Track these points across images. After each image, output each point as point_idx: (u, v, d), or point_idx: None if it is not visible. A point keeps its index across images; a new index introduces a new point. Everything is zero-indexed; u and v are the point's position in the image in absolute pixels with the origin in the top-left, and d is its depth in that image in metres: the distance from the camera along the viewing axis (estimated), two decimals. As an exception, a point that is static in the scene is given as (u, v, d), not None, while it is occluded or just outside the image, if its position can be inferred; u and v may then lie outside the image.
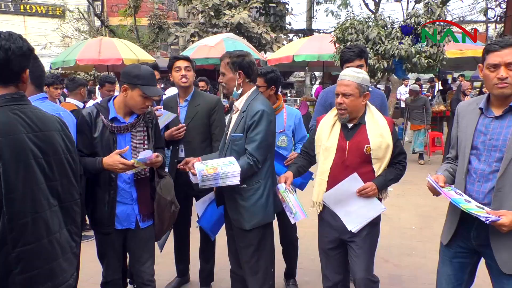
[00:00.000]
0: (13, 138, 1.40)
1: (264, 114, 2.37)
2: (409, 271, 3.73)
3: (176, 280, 3.44)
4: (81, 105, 5.06)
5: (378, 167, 2.38)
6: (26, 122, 1.47)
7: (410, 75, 10.01)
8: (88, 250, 2.47)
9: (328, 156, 2.41)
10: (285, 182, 2.40)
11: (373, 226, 2.44)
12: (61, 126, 1.64)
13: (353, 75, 2.36)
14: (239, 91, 2.49)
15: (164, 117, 3.01)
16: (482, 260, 2.10)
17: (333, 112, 2.51)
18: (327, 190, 2.42)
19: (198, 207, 2.94)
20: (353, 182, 2.34)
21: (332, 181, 2.39)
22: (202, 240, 3.24)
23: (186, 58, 3.14)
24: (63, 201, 1.58)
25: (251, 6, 13.67)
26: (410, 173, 7.54)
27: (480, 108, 2.02)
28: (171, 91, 4.67)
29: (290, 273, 3.41)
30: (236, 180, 2.29)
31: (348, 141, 2.38)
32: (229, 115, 2.65)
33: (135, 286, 2.90)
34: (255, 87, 2.54)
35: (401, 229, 4.80)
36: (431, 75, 14.29)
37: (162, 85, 7.21)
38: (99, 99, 5.48)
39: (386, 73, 7.74)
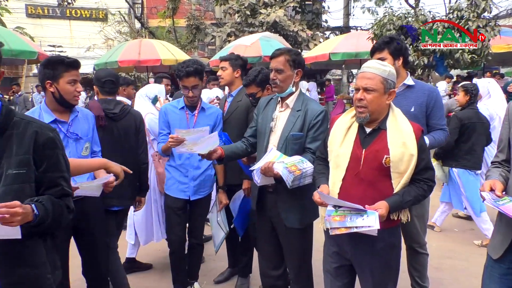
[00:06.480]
0: None
1: (326, 115, 2.42)
2: (450, 274, 3.63)
3: (228, 271, 3.61)
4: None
5: (397, 183, 1.98)
6: None
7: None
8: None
9: (340, 164, 2.06)
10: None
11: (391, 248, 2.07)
12: None
13: (377, 67, 2.00)
14: (293, 89, 2.47)
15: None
16: None
17: (351, 112, 2.14)
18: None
19: (231, 206, 3.05)
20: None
21: (344, 194, 2.01)
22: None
23: (222, 59, 3.28)
24: None
25: (287, 5, 13.62)
26: (452, 173, 7.24)
27: None
28: (213, 92, 4.82)
29: None
30: (310, 178, 2.29)
31: (364, 149, 2.02)
32: (275, 112, 2.51)
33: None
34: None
35: (442, 231, 4.66)
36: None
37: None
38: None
39: (426, 70, 7.49)
